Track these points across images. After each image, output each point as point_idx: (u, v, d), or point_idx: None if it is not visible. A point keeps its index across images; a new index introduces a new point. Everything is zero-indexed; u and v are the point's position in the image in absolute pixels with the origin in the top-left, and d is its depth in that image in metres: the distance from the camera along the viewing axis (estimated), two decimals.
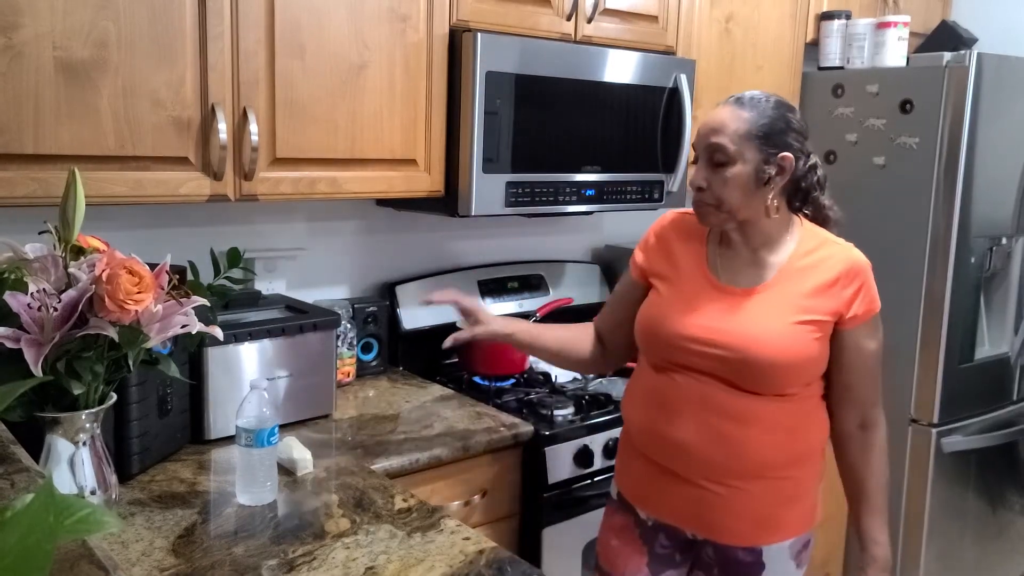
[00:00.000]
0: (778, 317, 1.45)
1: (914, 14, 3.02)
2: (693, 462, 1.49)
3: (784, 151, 1.45)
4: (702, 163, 1.47)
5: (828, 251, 1.51)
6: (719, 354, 1.45)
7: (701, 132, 1.47)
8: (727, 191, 1.44)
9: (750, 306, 1.47)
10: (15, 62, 1.43)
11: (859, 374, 1.52)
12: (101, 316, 1.10)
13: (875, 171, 2.72)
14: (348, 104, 1.83)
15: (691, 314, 1.50)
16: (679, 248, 1.59)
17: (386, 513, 1.43)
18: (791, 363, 1.44)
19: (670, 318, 1.51)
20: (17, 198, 1.47)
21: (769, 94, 1.50)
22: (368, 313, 2.21)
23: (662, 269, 1.59)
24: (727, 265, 1.52)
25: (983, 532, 2.90)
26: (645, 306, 1.59)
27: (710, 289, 1.51)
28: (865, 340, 1.50)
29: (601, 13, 2.23)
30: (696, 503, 1.51)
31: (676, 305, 1.52)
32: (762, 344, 1.43)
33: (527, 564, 1.28)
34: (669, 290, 1.56)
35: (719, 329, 1.46)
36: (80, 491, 1.16)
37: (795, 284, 1.48)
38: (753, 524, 1.51)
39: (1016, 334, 2.83)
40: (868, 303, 1.50)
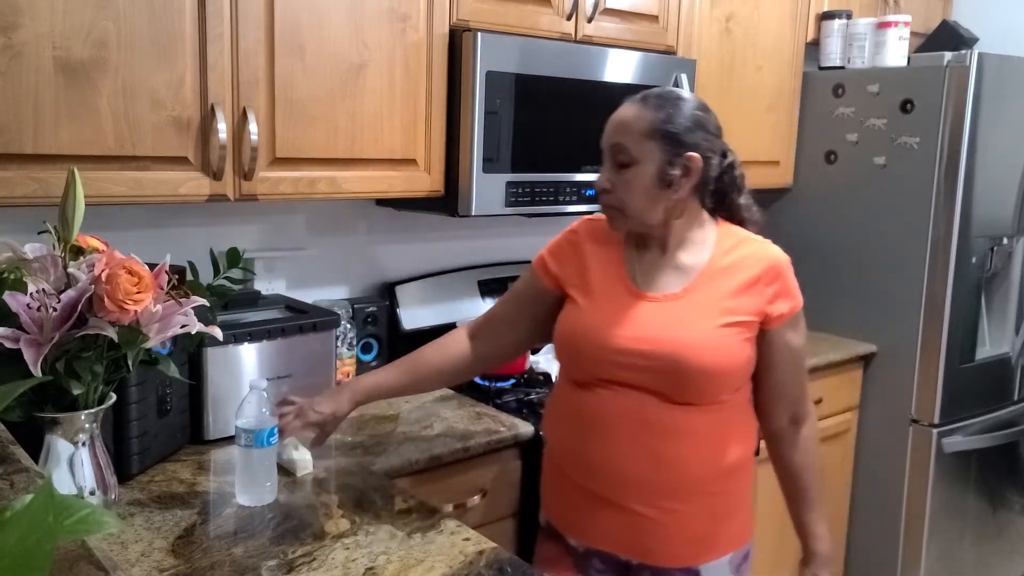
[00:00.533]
0: (705, 321, 1.40)
1: (915, 14, 3.02)
2: (625, 485, 1.42)
3: (691, 151, 1.38)
4: (606, 164, 1.42)
5: (747, 249, 1.46)
6: (649, 365, 1.38)
7: (606, 131, 1.42)
8: (630, 194, 1.39)
9: (674, 312, 1.41)
10: (15, 62, 1.43)
11: (788, 372, 1.48)
12: (100, 316, 1.10)
13: (876, 171, 2.72)
14: (348, 104, 1.83)
15: (615, 325, 1.42)
16: (595, 254, 1.51)
17: (386, 513, 1.43)
18: (724, 368, 1.39)
19: (593, 331, 1.43)
20: (17, 198, 1.47)
21: (679, 91, 1.43)
22: (368, 313, 2.21)
23: (578, 278, 1.51)
24: (645, 271, 1.46)
25: (984, 532, 2.89)
26: (564, 320, 1.50)
27: (630, 297, 1.44)
28: (791, 337, 1.47)
29: (601, 13, 2.23)
30: (630, 528, 1.44)
31: (597, 317, 1.44)
32: (693, 351, 1.37)
33: (527, 564, 1.28)
34: (588, 301, 1.47)
35: (646, 338, 1.39)
36: (79, 491, 1.16)
37: (717, 286, 1.42)
38: (690, 544, 1.45)
39: (1017, 334, 2.83)
40: (791, 300, 1.46)
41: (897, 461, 2.73)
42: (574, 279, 1.51)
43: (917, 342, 2.65)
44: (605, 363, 1.42)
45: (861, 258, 2.78)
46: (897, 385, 2.72)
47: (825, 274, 2.88)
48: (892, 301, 2.71)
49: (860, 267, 2.78)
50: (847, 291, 2.82)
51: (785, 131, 2.85)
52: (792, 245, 2.91)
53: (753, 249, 1.47)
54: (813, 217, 2.90)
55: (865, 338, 2.77)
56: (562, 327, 1.49)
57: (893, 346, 2.72)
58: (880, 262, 2.73)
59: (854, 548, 2.88)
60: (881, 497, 2.78)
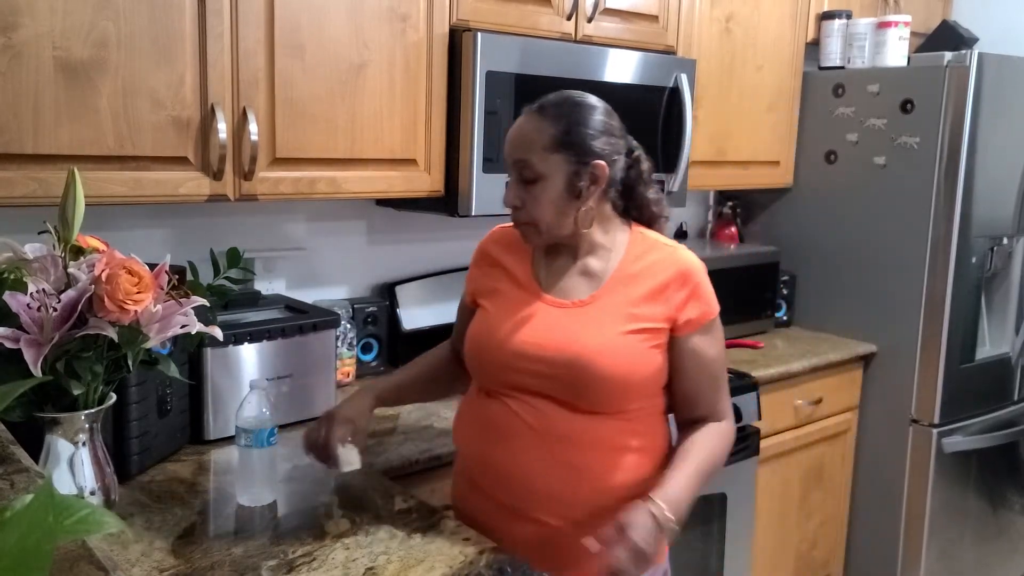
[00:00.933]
0: (608, 327, 1.36)
1: (915, 14, 3.02)
2: (535, 496, 1.38)
3: (596, 158, 1.34)
4: (513, 180, 1.38)
5: (657, 255, 1.42)
6: (550, 372, 1.35)
7: (507, 147, 1.38)
8: (539, 209, 1.35)
9: (579, 318, 1.38)
10: (15, 62, 1.43)
11: (700, 382, 1.42)
12: (100, 316, 1.10)
13: (876, 171, 2.72)
14: (348, 104, 1.83)
15: (517, 331, 1.39)
16: (506, 262, 1.49)
17: (386, 513, 1.43)
18: (627, 375, 1.35)
19: (495, 336, 1.41)
20: (17, 198, 1.47)
21: (574, 95, 1.39)
22: (368, 313, 2.21)
23: (489, 286, 1.49)
24: (555, 277, 1.43)
25: (984, 532, 2.89)
26: (471, 327, 1.48)
27: (537, 303, 1.42)
28: (702, 344, 1.40)
29: (601, 13, 2.23)
30: (539, 539, 1.38)
31: (501, 323, 1.42)
32: (594, 357, 1.33)
33: (527, 564, 1.28)
34: (495, 306, 1.46)
35: (547, 344, 1.36)
36: (80, 491, 1.16)
37: (625, 292, 1.39)
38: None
39: (1017, 334, 2.83)
40: (703, 307, 1.40)
41: (897, 461, 2.73)
42: (485, 289, 1.50)
43: (917, 342, 2.65)
44: (507, 369, 1.39)
45: (861, 258, 2.78)
46: (897, 385, 2.72)
47: (825, 274, 2.88)
48: (892, 301, 2.71)
49: (860, 267, 2.78)
50: (847, 291, 2.82)
51: (785, 131, 2.85)
52: (792, 245, 2.94)
53: (664, 255, 1.42)
54: (813, 217, 2.90)
55: (865, 338, 2.77)
56: (469, 334, 1.48)
57: (893, 346, 2.72)
58: (880, 262, 2.73)
59: (854, 548, 2.88)
60: (881, 497, 2.78)
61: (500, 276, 1.49)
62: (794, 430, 2.60)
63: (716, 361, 1.43)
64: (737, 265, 2.74)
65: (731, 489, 2.34)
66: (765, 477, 2.52)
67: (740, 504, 2.38)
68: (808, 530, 2.74)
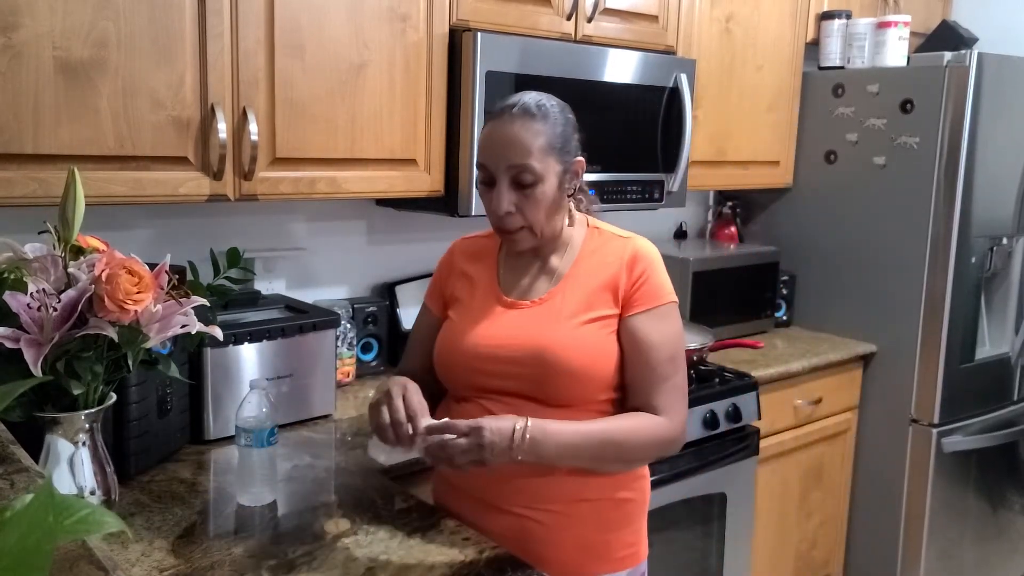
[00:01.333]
0: (566, 320, 1.38)
1: (914, 14, 3.02)
2: (508, 489, 1.39)
3: (576, 155, 1.40)
4: (505, 186, 1.35)
5: (612, 245, 1.45)
6: (516, 370, 1.37)
7: (494, 151, 1.36)
8: (537, 212, 1.36)
9: (539, 315, 1.41)
10: (15, 62, 1.43)
11: (637, 366, 1.38)
12: (101, 316, 1.10)
13: (875, 171, 2.72)
14: (348, 104, 1.83)
15: (480, 335, 1.42)
16: (471, 271, 1.52)
17: (386, 513, 1.43)
18: (590, 364, 1.36)
19: (461, 342, 1.43)
20: (17, 198, 1.47)
21: (544, 96, 1.40)
22: (368, 313, 2.21)
23: (454, 297, 1.52)
24: (517, 279, 1.47)
25: (983, 532, 2.90)
26: (440, 335, 1.49)
27: (500, 307, 1.45)
28: (645, 329, 1.38)
29: (601, 13, 2.23)
30: (517, 532, 1.39)
31: (465, 328, 1.44)
32: (555, 349, 1.35)
33: (527, 564, 1.28)
34: (458, 315, 1.48)
35: (509, 343, 1.39)
36: (80, 491, 1.16)
37: (582, 285, 1.41)
38: (579, 551, 1.41)
39: (1017, 334, 2.84)
40: (650, 290, 1.39)
41: (897, 461, 2.73)
42: (451, 300, 1.52)
43: (917, 342, 2.65)
44: (476, 372, 1.41)
45: (861, 258, 2.78)
46: (897, 385, 2.72)
47: (825, 274, 2.88)
48: (892, 301, 2.71)
49: (860, 267, 2.78)
50: (847, 291, 2.82)
51: (785, 131, 2.85)
52: (792, 245, 2.94)
53: (618, 245, 1.44)
54: (813, 217, 2.90)
55: (865, 338, 2.77)
56: (438, 344, 1.49)
57: (893, 346, 2.72)
58: (880, 262, 2.73)
59: (854, 548, 2.88)
60: (881, 497, 2.78)
61: (464, 286, 1.51)
62: (794, 430, 2.60)
63: (658, 347, 1.39)
64: (737, 265, 2.74)
65: (731, 489, 2.35)
66: (765, 477, 2.52)
67: (740, 504, 2.38)
68: (808, 530, 2.74)
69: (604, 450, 1.36)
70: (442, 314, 1.54)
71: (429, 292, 1.59)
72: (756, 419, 2.36)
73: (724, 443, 2.29)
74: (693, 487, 2.22)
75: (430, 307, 1.58)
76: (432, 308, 1.57)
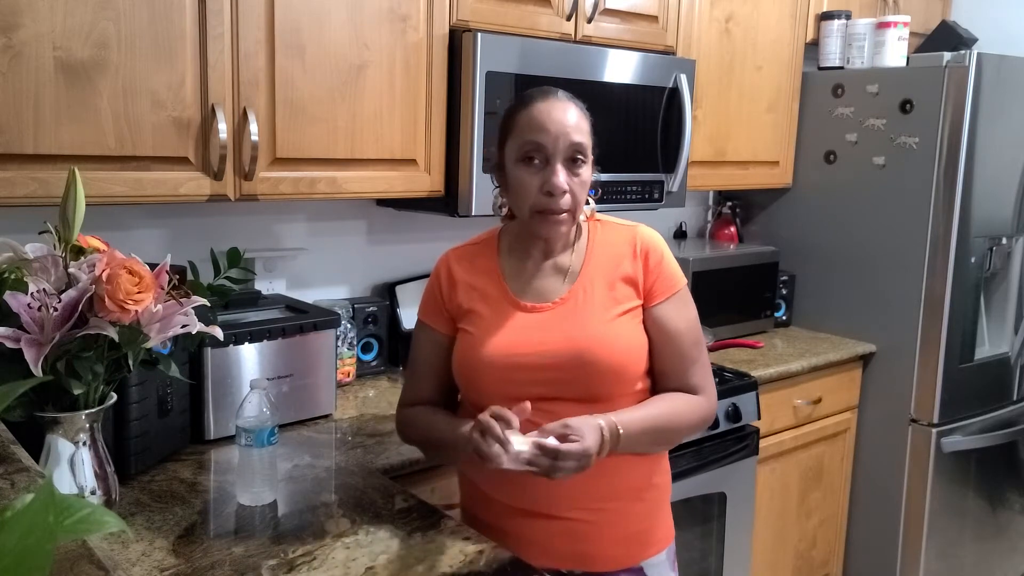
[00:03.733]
0: (598, 316, 1.39)
1: (914, 14, 3.02)
2: (561, 495, 1.38)
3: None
4: (559, 166, 1.34)
5: (619, 236, 1.45)
6: (557, 375, 1.36)
7: (552, 129, 1.34)
8: (583, 195, 1.38)
9: (568, 315, 1.40)
10: (15, 62, 1.43)
11: (669, 353, 1.42)
12: (101, 316, 1.10)
13: (875, 171, 2.72)
14: (348, 104, 1.83)
15: (508, 343, 1.39)
16: (475, 281, 1.46)
17: (386, 513, 1.43)
18: (629, 357, 1.38)
19: (490, 351, 1.39)
20: (17, 198, 1.47)
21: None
22: (368, 313, 2.21)
23: (465, 308, 1.45)
24: (526, 281, 1.44)
25: (983, 532, 2.90)
26: (460, 352, 1.44)
27: (520, 313, 1.42)
28: (671, 316, 1.42)
29: (601, 13, 2.23)
30: (569, 537, 1.40)
31: (489, 339, 1.40)
32: (596, 347, 1.36)
33: (527, 564, 1.28)
34: (477, 327, 1.43)
35: (544, 348, 1.37)
36: (80, 491, 1.16)
37: (601, 279, 1.41)
38: (631, 544, 1.44)
39: (1016, 334, 2.84)
40: (667, 278, 1.42)
41: (896, 461, 2.73)
42: (462, 313, 1.46)
43: (916, 342, 2.65)
44: (508, 383, 1.38)
45: (860, 258, 2.78)
46: (896, 385, 2.72)
47: (825, 274, 2.88)
48: (891, 301, 2.71)
49: (859, 267, 2.79)
50: (847, 291, 2.83)
51: (785, 131, 2.85)
52: (792, 245, 2.94)
53: (624, 234, 1.45)
54: (813, 217, 2.90)
55: (864, 338, 2.78)
56: (460, 360, 1.44)
57: (892, 346, 2.72)
58: (879, 262, 2.73)
59: (853, 547, 2.88)
60: (880, 497, 2.78)
61: (473, 296, 1.46)
62: (793, 430, 2.60)
63: (685, 333, 1.43)
64: (736, 265, 2.74)
65: (730, 489, 2.35)
66: (764, 477, 2.52)
67: (739, 503, 2.39)
68: (807, 529, 2.74)
69: (663, 433, 1.42)
70: (449, 331, 1.48)
71: (427, 312, 1.52)
72: (756, 419, 2.36)
73: (724, 443, 2.29)
74: (693, 487, 2.22)
75: (433, 326, 1.50)
76: (436, 327, 1.50)
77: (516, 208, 1.41)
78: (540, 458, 1.24)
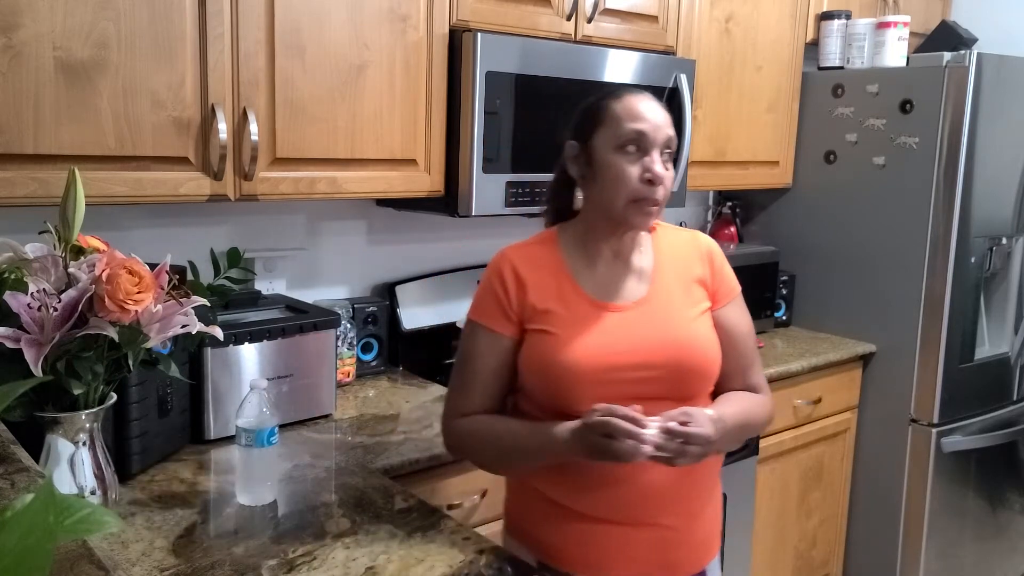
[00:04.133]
0: (683, 314, 1.40)
1: (914, 14, 3.02)
2: (653, 501, 1.36)
3: None
4: (657, 157, 1.34)
5: (680, 239, 1.48)
6: (652, 374, 1.35)
7: (654, 121, 1.34)
8: (672, 185, 1.39)
9: (652, 315, 1.39)
10: (15, 62, 1.43)
11: (735, 354, 1.45)
12: (101, 316, 1.10)
13: (875, 171, 2.72)
14: (348, 104, 1.83)
15: (603, 342, 1.35)
16: (546, 282, 1.40)
17: (386, 513, 1.43)
18: (715, 356, 1.40)
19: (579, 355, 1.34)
20: (17, 198, 1.47)
21: None
22: (368, 313, 2.21)
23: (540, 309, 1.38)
24: (602, 282, 1.41)
25: (983, 532, 2.90)
26: (542, 352, 1.36)
27: (602, 312, 1.38)
28: (735, 318, 1.47)
29: (601, 13, 2.23)
30: (657, 545, 1.38)
31: (577, 341, 1.35)
32: (689, 346, 1.37)
33: (527, 564, 1.28)
34: (560, 328, 1.36)
35: (637, 348, 1.35)
36: (80, 491, 1.16)
37: (675, 280, 1.43)
38: (703, 547, 1.45)
39: (1016, 334, 2.84)
40: (729, 282, 1.47)
41: (896, 461, 2.73)
42: (536, 313, 1.39)
43: (916, 342, 2.65)
44: (604, 384, 1.33)
45: (860, 258, 2.78)
46: (896, 385, 2.72)
47: (825, 274, 2.88)
48: (891, 301, 2.71)
49: (859, 267, 2.79)
50: (847, 291, 2.83)
51: (785, 131, 2.85)
52: (792, 245, 2.94)
53: (685, 238, 1.49)
54: (813, 217, 2.90)
55: (864, 338, 2.78)
56: (543, 361, 1.36)
57: (892, 346, 2.72)
58: (879, 262, 2.73)
59: (853, 547, 2.88)
60: (880, 497, 2.78)
61: (547, 296, 1.39)
62: (793, 430, 2.60)
63: (748, 336, 1.49)
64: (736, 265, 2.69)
65: (731, 489, 2.34)
66: (764, 477, 2.52)
67: (739, 503, 2.38)
68: (807, 529, 2.74)
69: (747, 430, 1.45)
70: (515, 334, 1.40)
71: (487, 315, 1.40)
72: None
73: None
74: None
75: (496, 330, 1.40)
76: (500, 330, 1.39)
77: (608, 198, 1.36)
78: (670, 443, 1.23)
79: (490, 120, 1.95)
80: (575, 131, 1.41)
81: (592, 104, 1.40)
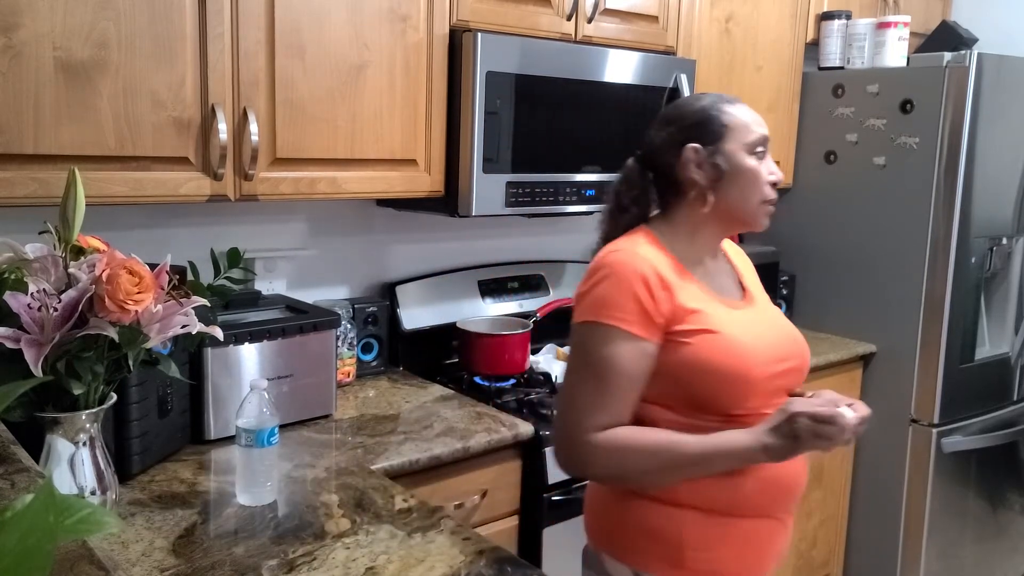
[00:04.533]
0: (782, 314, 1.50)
1: (914, 14, 3.02)
2: (796, 494, 1.40)
3: None
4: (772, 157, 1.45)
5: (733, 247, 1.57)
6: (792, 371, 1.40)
7: (755, 125, 1.43)
8: None
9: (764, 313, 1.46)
10: (15, 62, 1.43)
11: None
12: (101, 316, 1.10)
13: (875, 171, 2.72)
14: (348, 104, 1.83)
15: (760, 341, 1.36)
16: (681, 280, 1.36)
17: (386, 513, 1.43)
18: None
19: (754, 353, 1.33)
20: (17, 198, 1.47)
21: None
22: (368, 313, 2.21)
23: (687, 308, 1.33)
24: (713, 282, 1.43)
25: (983, 532, 2.90)
26: (711, 352, 1.31)
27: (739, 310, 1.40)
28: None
29: (601, 13, 2.23)
30: (781, 541, 1.41)
31: (743, 338, 1.34)
32: (805, 342, 1.46)
33: (527, 564, 1.28)
34: (725, 326, 1.34)
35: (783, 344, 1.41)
36: (80, 491, 1.16)
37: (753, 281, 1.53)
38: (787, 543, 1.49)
39: (1016, 334, 2.83)
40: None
41: (897, 461, 2.73)
42: (684, 312, 1.33)
43: (916, 342, 2.65)
44: (769, 379, 1.35)
45: (861, 258, 2.78)
46: (897, 385, 2.72)
47: (825, 274, 2.88)
48: (891, 301, 2.71)
49: (860, 267, 2.79)
50: (847, 291, 2.83)
51: (785, 131, 2.85)
52: (792, 245, 2.94)
53: (736, 247, 1.58)
54: (813, 217, 2.90)
55: (864, 338, 2.77)
56: (711, 362, 1.31)
57: (893, 346, 2.72)
58: (880, 262, 2.73)
59: (854, 547, 2.88)
60: (881, 497, 2.78)
61: (692, 295, 1.35)
62: None
63: None
64: None
65: None
66: None
67: None
68: (808, 529, 2.74)
69: None
70: (659, 338, 1.32)
71: (631, 320, 1.30)
72: None
73: None
74: None
75: (642, 336, 1.31)
76: (646, 336, 1.31)
77: (744, 198, 1.39)
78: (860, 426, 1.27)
79: (490, 120, 1.95)
80: (700, 137, 1.39)
81: (706, 110, 1.41)
